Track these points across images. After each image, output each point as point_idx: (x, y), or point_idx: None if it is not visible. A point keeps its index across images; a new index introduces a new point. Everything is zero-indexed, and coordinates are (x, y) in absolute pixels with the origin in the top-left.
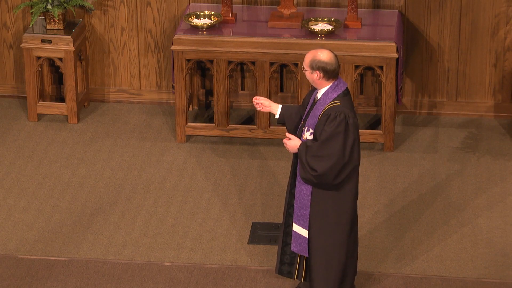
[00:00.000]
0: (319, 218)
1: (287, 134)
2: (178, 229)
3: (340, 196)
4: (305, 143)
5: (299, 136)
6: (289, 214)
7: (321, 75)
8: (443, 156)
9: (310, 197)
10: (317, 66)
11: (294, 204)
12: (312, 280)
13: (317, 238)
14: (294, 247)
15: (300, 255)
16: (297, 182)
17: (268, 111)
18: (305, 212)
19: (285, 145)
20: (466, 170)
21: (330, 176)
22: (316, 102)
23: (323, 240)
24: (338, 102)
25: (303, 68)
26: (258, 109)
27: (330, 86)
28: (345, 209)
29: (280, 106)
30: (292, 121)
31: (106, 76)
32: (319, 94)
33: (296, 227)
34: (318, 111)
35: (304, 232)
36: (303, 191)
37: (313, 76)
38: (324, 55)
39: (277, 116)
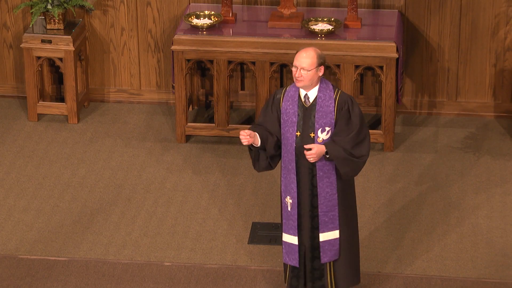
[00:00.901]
0: (345, 211)
1: (305, 146)
2: (178, 229)
3: (353, 179)
4: (331, 142)
5: (311, 143)
6: (314, 227)
7: (323, 69)
8: (443, 156)
9: (336, 195)
10: (323, 60)
11: (319, 213)
12: (341, 278)
13: (344, 233)
14: (324, 258)
15: (328, 264)
16: (319, 190)
17: (252, 141)
18: (334, 212)
19: (310, 157)
20: (466, 170)
21: (368, 153)
22: (316, 101)
23: (347, 234)
24: (338, 90)
25: (304, 70)
26: (246, 143)
27: (321, 81)
28: (354, 191)
29: (256, 133)
30: (271, 141)
31: (106, 76)
32: (314, 93)
33: (324, 236)
34: (328, 107)
35: (335, 234)
36: (328, 193)
37: (318, 73)
38: (319, 50)
39: (259, 144)
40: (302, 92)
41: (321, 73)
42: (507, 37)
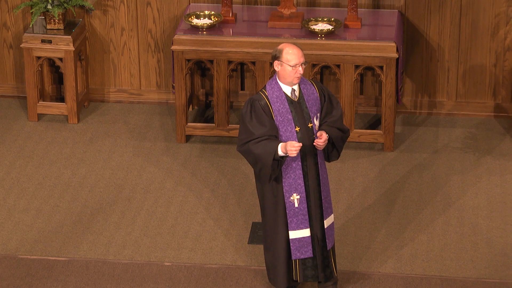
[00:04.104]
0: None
1: (317, 134)
2: (178, 229)
3: None
4: (326, 126)
5: (311, 133)
6: (322, 215)
7: None
8: (443, 156)
9: (327, 176)
10: None
11: (322, 203)
12: (335, 262)
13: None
14: (329, 244)
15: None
16: (321, 177)
17: None
18: (329, 197)
19: (323, 144)
20: (466, 170)
21: None
22: (301, 93)
23: None
24: (309, 79)
25: (304, 64)
26: (295, 155)
27: None
28: None
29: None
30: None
31: (106, 76)
32: (298, 85)
33: (327, 222)
34: (313, 94)
35: (332, 217)
36: (325, 178)
37: None
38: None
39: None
40: (288, 89)
41: None
42: (507, 37)
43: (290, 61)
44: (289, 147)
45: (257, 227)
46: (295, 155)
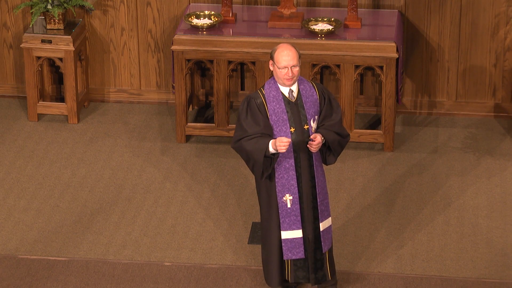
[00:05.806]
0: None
1: (311, 136)
2: (178, 229)
3: None
4: (323, 129)
5: (307, 135)
6: (315, 217)
7: None
8: (443, 156)
9: (325, 179)
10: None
11: (318, 205)
12: (331, 264)
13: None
14: (325, 247)
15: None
16: (316, 180)
17: None
18: (327, 200)
19: (316, 147)
20: (466, 170)
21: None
22: (300, 94)
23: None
24: (310, 80)
25: (295, 67)
26: (284, 151)
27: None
28: None
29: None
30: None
31: (106, 76)
32: (296, 87)
33: (323, 225)
34: (312, 96)
35: (329, 221)
36: (322, 181)
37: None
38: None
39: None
40: (285, 89)
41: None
42: (507, 37)
43: (279, 63)
44: (278, 143)
45: (257, 227)
46: (284, 151)
